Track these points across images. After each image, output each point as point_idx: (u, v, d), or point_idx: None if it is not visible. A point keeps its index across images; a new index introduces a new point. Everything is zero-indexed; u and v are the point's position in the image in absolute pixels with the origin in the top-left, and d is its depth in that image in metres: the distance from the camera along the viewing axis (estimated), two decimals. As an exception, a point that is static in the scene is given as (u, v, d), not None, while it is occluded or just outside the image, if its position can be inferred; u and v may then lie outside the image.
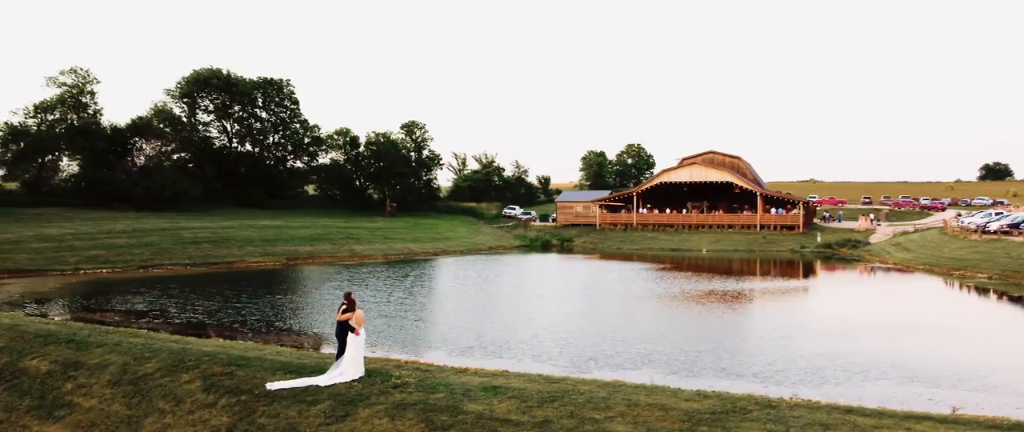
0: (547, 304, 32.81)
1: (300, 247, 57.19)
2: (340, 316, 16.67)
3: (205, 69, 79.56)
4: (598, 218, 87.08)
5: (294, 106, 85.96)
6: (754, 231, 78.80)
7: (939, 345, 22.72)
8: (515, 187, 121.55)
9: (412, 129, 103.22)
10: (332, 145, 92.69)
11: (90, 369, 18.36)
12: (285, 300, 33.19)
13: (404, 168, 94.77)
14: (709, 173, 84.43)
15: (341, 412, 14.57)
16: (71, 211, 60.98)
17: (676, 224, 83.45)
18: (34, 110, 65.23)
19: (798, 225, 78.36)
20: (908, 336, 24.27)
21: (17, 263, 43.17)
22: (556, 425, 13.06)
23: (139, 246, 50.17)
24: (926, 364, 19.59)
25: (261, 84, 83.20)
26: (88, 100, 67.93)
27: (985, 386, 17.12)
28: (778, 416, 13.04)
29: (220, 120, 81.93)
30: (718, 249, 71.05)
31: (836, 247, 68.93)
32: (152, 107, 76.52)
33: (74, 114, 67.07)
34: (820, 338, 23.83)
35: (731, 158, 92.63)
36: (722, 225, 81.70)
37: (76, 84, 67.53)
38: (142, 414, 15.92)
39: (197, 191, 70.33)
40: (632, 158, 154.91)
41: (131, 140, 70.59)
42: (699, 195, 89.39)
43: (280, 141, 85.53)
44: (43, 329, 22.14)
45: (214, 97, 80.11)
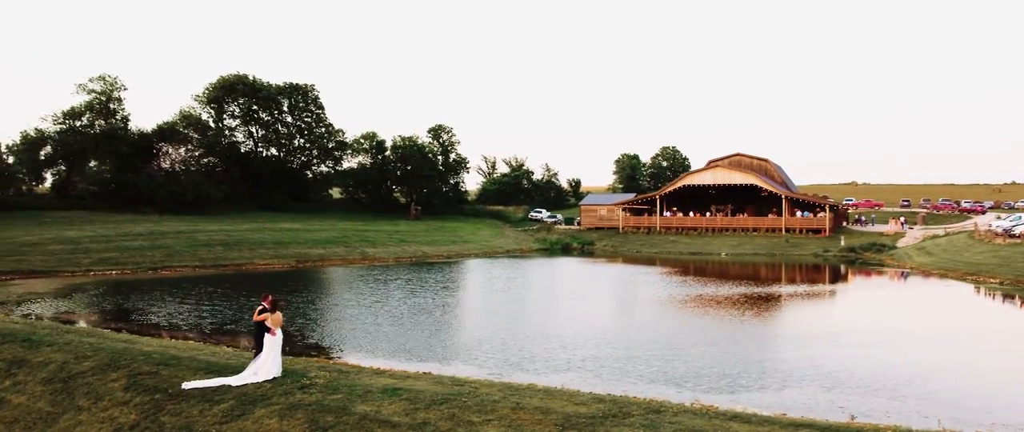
0: (520, 306, 32.72)
1: (312, 250, 58.01)
2: (256, 317, 16.96)
3: (231, 75, 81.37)
4: (621, 221, 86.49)
5: (319, 111, 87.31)
6: (778, 235, 77.37)
7: (895, 352, 21.94)
8: (545, 190, 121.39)
9: (439, 133, 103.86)
10: (358, 149, 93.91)
11: (32, 367, 18.93)
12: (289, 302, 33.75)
13: (429, 171, 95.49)
14: (733, 176, 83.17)
15: (238, 411, 14.79)
16: (96, 214, 62.89)
17: (699, 227, 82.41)
18: (63, 116, 67.55)
19: (824, 229, 76.71)
20: (868, 342, 23.55)
21: (31, 264, 44.66)
22: (431, 427, 13.07)
23: (153, 248, 51.46)
24: (865, 371, 18.94)
25: (286, 89, 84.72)
26: (115, 106, 70.03)
27: (911, 394, 16.47)
28: (655, 422, 12.82)
29: (246, 125, 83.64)
30: (738, 253, 69.94)
31: (860, 251, 67.30)
32: (178, 113, 78.54)
33: (102, 120, 69.19)
34: (768, 344, 23.23)
35: (759, 161, 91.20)
36: (746, 229, 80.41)
37: (104, 91, 69.75)
38: (61, 411, 16.35)
39: (219, 195, 71.88)
40: (667, 161, 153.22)
41: (156, 145, 72.55)
42: (725, 198, 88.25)
43: (304, 145, 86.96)
44: (7, 328, 22.87)
45: (240, 102, 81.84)
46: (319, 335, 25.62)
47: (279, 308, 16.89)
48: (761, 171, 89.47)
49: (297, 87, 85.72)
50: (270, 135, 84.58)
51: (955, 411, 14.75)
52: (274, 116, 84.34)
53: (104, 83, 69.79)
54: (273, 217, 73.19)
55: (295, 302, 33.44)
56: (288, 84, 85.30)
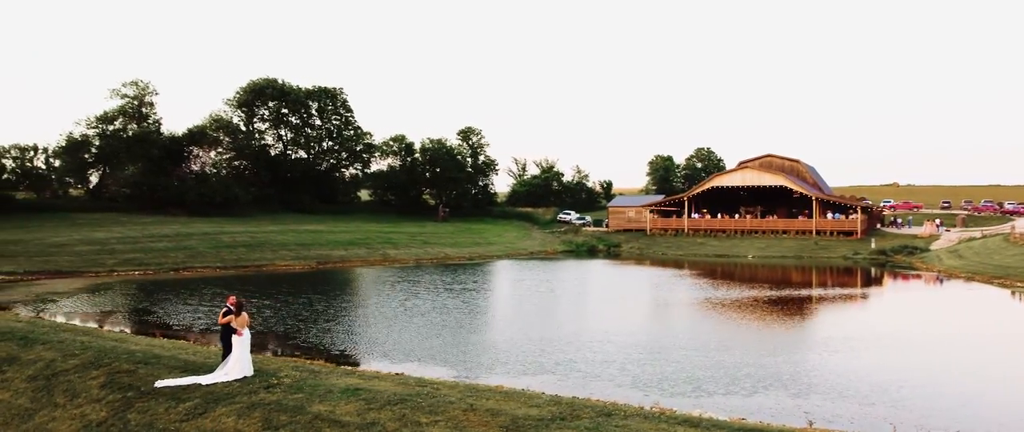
0: (515, 308, 32.55)
1: (333, 251, 58.59)
2: (221, 320, 17.21)
3: (261, 79, 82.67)
4: (648, 223, 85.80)
5: (348, 113, 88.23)
6: (808, 237, 76.06)
7: (883, 357, 21.30)
8: (575, 192, 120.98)
9: (468, 135, 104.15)
10: (387, 151, 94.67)
11: (21, 364, 19.43)
12: (274, 301, 34.07)
13: (458, 174, 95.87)
14: (763, 177, 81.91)
15: (201, 410, 15.00)
16: (126, 216, 64.36)
17: (728, 229, 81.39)
18: (96, 120, 69.35)
19: (856, 231, 75.16)
20: (859, 347, 22.92)
21: (58, 265, 45.85)
22: (379, 427, 13.11)
23: (177, 249, 52.46)
24: (844, 377, 18.44)
25: (315, 93, 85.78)
26: (148, 110, 71.68)
27: (882, 401, 15.97)
28: (601, 425, 12.68)
29: (275, 128, 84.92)
30: (766, 256, 68.87)
31: (891, 253, 65.84)
32: (209, 116, 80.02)
33: (134, 124, 70.87)
34: (754, 348, 22.68)
35: (790, 162, 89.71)
36: (776, 231, 79.17)
37: (137, 95, 71.41)
38: (39, 407, 16.74)
39: (248, 197, 73.03)
40: (701, 162, 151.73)
41: (187, 148, 74.04)
42: (755, 200, 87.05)
43: (333, 148, 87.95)
44: (8, 326, 23.50)
45: (270, 106, 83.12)
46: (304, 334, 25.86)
47: (244, 310, 17.12)
48: (792, 172, 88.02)
49: (326, 90, 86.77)
50: (299, 138, 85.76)
51: (922, 417, 14.29)
52: (303, 119, 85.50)
53: (137, 88, 71.52)
54: (300, 219, 74.14)
55: (294, 303, 33.79)
56: (317, 88, 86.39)
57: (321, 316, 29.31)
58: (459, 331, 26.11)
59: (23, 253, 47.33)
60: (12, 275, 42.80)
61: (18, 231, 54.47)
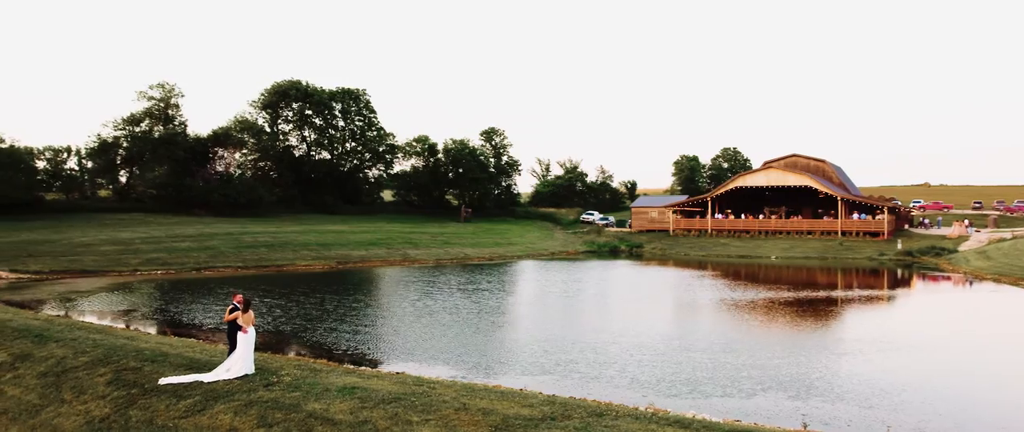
0: (525, 309, 32.44)
1: (354, 251, 58.99)
2: (227, 316, 17.42)
3: (285, 81, 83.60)
4: (671, 224, 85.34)
5: (371, 114, 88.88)
6: (833, 238, 75.16)
7: (891, 359, 20.83)
8: (599, 192, 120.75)
9: (491, 135, 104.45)
10: (410, 152, 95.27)
11: (34, 361, 19.81)
12: (287, 301, 34.37)
13: (481, 174, 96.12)
14: (787, 177, 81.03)
15: (200, 407, 15.19)
16: (152, 216, 65.36)
17: (752, 230, 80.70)
18: (123, 122, 70.59)
19: (883, 232, 74.12)
20: (868, 349, 22.48)
21: (83, 264, 46.67)
22: (370, 426, 13.18)
23: (199, 249, 53.15)
24: (849, 379, 18.15)
25: (339, 94, 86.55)
26: (173, 112, 72.83)
27: (883, 403, 15.69)
28: (590, 425, 12.64)
29: (299, 129, 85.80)
30: (789, 256, 68.15)
31: (917, 255, 64.81)
32: (233, 118, 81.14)
33: (160, 126, 72.03)
34: (761, 349, 22.35)
35: (816, 162, 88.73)
36: (800, 231, 78.33)
37: (163, 98, 72.59)
38: (46, 403, 17.05)
39: (272, 197, 73.90)
40: (727, 162, 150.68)
41: (212, 149, 75.07)
42: (780, 200, 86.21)
43: (356, 149, 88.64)
44: (25, 324, 23.99)
45: (294, 107, 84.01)
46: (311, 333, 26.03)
47: (250, 308, 17.31)
48: (818, 172, 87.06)
49: (349, 92, 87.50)
50: (322, 139, 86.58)
51: (922, 421, 14.03)
52: (327, 120, 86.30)
53: (163, 90, 72.75)
54: (322, 219, 74.77)
55: (306, 302, 34.04)
56: (340, 89, 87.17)
57: (330, 316, 29.50)
58: (465, 331, 26.14)
59: (50, 253, 48.26)
60: (39, 274, 43.64)
61: (47, 231, 55.61)
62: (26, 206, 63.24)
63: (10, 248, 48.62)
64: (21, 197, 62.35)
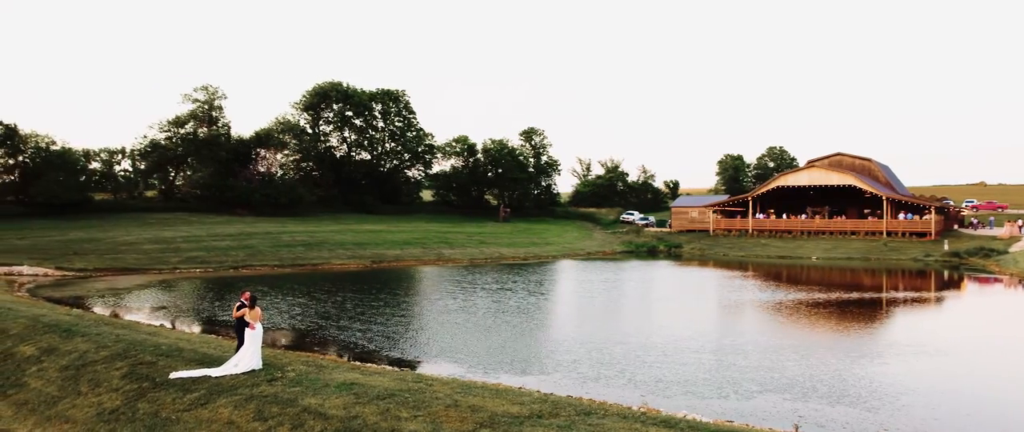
0: (544, 308, 32.32)
1: (389, 251, 59.60)
2: (235, 313, 17.84)
3: (326, 83, 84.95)
4: (711, 224, 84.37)
5: (410, 115, 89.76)
6: (877, 238, 73.45)
7: (911, 364, 20.21)
8: (640, 192, 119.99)
9: (531, 135, 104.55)
10: (450, 152, 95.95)
11: (59, 354, 20.50)
12: (309, 299, 34.87)
13: (520, 174, 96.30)
14: (830, 176, 79.41)
15: (203, 400, 15.57)
16: (195, 216, 66.98)
17: (794, 230, 79.31)
18: (169, 124, 72.57)
19: (930, 232, 72.20)
20: (891, 354, 21.88)
21: (125, 262, 48.06)
22: (359, 421, 13.36)
23: (238, 248, 54.29)
24: (853, 382, 17.69)
25: (379, 95, 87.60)
26: (217, 114, 74.58)
27: (885, 406, 15.35)
28: (575, 423, 12.62)
29: (339, 130, 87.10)
30: (830, 257, 66.81)
31: (964, 256, 62.93)
32: (275, 120, 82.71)
33: (204, 127, 73.84)
34: (774, 352, 21.89)
35: (861, 160, 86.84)
36: (844, 232, 76.74)
37: (207, 100, 74.38)
38: (64, 395, 17.64)
39: (312, 197, 75.16)
40: (773, 161, 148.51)
41: (254, 150, 76.66)
42: (824, 199, 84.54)
43: (396, 149, 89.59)
44: (56, 319, 24.83)
45: (334, 109, 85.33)
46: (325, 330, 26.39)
47: (257, 305, 17.70)
48: (864, 171, 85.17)
49: (389, 93, 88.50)
50: (362, 140, 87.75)
51: (921, 424, 13.65)
52: (367, 121, 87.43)
53: (207, 92, 74.55)
54: (362, 219, 75.72)
55: (328, 300, 34.49)
56: (380, 90, 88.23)
57: (346, 314, 29.83)
58: (475, 330, 26.21)
59: (94, 251, 49.81)
60: (82, 272, 45.05)
61: (94, 230, 57.43)
62: (76, 206, 65.41)
63: (58, 246, 50.36)
64: (72, 198, 64.48)
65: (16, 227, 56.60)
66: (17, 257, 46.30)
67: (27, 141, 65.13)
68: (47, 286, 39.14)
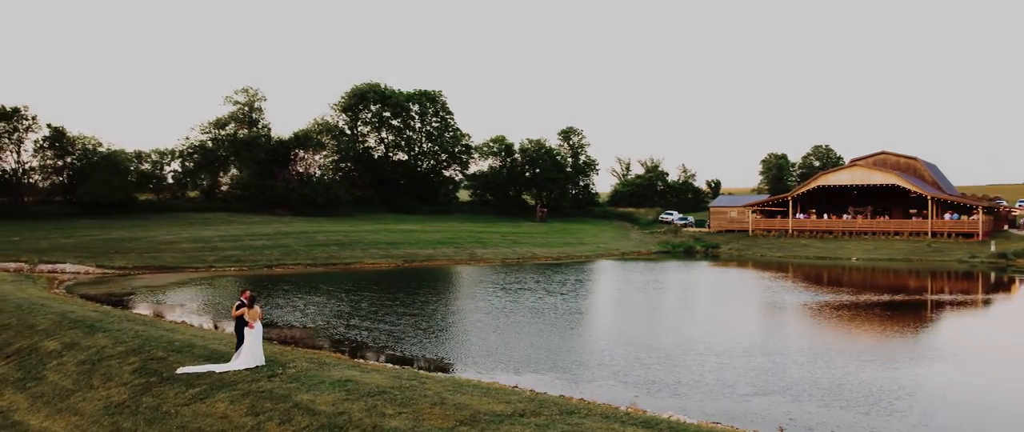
0: (558, 309, 32.00)
1: (421, 250, 60.10)
2: (235, 312, 18.24)
3: (364, 84, 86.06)
4: (751, 224, 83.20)
5: (447, 115, 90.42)
6: (922, 239, 71.65)
7: (922, 370, 19.53)
8: (680, 192, 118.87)
9: (569, 135, 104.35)
10: (487, 152, 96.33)
11: (79, 349, 21.16)
12: (327, 297, 35.28)
13: (557, 174, 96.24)
14: (873, 175, 77.68)
15: (203, 395, 15.94)
16: (235, 216, 68.44)
17: (835, 231, 77.80)
18: (210, 126, 74.35)
19: (977, 232, 70.17)
20: (904, 359, 21.21)
21: (163, 261, 49.35)
22: (345, 417, 13.56)
23: (273, 248, 55.32)
24: (854, 386, 17.23)
25: (416, 96, 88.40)
26: (257, 115, 76.15)
27: (877, 410, 14.94)
28: (555, 422, 12.63)
29: (377, 131, 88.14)
30: (872, 258, 65.39)
31: (1012, 257, 61.04)
32: (313, 121, 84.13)
33: (245, 129, 75.43)
34: (780, 355, 21.28)
35: (906, 159, 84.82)
36: (887, 232, 75.02)
37: (248, 102, 76.00)
38: (77, 389, 18.22)
39: (348, 197, 76.18)
40: (819, 160, 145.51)
41: (293, 151, 78.04)
42: (868, 199, 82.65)
43: (433, 149, 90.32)
44: (82, 316, 25.62)
45: (372, 110, 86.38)
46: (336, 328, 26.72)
47: (256, 304, 18.07)
48: (908, 170, 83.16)
49: (426, 93, 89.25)
50: (400, 140, 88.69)
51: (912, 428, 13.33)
52: (404, 122, 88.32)
53: (247, 95, 76.17)
54: (398, 219, 76.51)
55: (345, 299, 34.85)
56: (417, 91, 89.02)
57: (359, 313, 30.06)
58: (484, 330, 26.27)
59: (135, 250, 51.25)
60: (122, 270, 46.37)
61: (136, 229, 59.08)
62: (121, 206, 67.36)
63: (101, 245, 51.94)
64: (117, 198, 66.41)
65: (63, 226, 58.56)
66: (62, 255, 47.85)
67: (74, 143, 67.34)
68: (86, 283, 40.36)
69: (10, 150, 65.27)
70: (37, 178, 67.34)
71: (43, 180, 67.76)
